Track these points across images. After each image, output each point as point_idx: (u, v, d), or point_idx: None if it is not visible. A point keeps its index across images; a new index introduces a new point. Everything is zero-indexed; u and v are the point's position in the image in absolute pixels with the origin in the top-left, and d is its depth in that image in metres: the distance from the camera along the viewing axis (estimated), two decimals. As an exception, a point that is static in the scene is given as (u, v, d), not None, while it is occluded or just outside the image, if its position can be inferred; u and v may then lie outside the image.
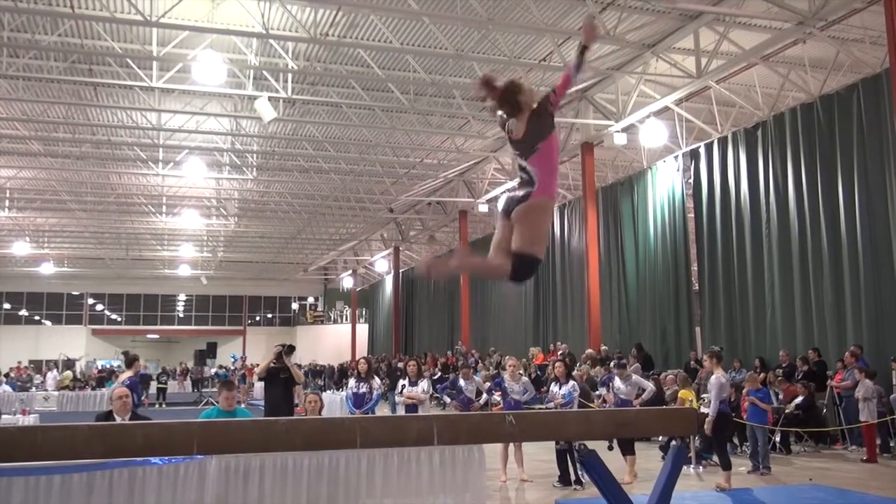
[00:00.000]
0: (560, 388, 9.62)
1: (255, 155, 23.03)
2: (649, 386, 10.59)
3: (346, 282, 45.15)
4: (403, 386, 10.07)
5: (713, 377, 9.71)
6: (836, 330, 13.50)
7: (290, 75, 15.92)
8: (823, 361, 13.37)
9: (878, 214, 12.77)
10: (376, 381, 10.24)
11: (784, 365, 13.88)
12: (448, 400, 14.31)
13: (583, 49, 3.84)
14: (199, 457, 5.84)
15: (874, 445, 11.25)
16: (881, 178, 12.76)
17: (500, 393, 10.42)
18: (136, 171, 24.14)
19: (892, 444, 11.34)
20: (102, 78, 16.28)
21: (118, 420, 6.41)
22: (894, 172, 12.22)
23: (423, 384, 10.44)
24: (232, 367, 34.77)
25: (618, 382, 10.28)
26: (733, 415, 11.38)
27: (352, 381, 10.22)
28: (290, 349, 10.13)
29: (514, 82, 3.98)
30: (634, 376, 10.69)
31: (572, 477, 9.33)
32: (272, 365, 9.76)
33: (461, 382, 11.57)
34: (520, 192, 3.93)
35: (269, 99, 15.85)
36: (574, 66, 3.87)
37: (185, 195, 27.70)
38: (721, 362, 10.03)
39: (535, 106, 3.93)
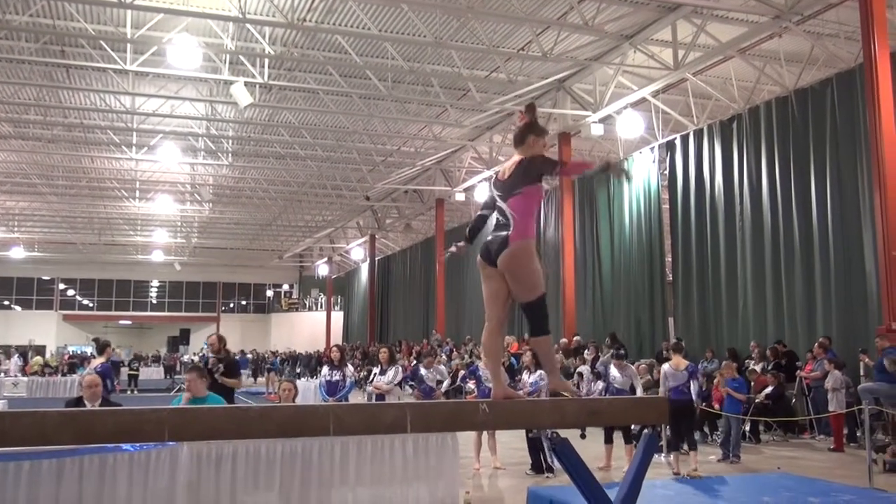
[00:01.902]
0: (529, 377, 9.83)
1: (230, 140, 22.83)
2: (639, 387, 10.56)
3: (322, 269, 45.00)
4: (375, 374, 10.06)
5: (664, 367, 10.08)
6: (806, 321, 13.69)
7: (266, 60, 15.77)
8: (793, 352, 13.56)
9: (850, 208, 12.94)
10: (349, 368, 10.21)
11: (753, 354, 14.07)
12: (409, 390, 14.16)
13: (605, 170, 4.00)
14: (170, 444, 5.81)
15: (841, 435, 11.44)
16: (853, 172, 12.93)
17: (474, 381, 10.45)
18: (109, 155, 23.80)
19: (858, 434, 11.52)
20: (75, 60, 16.00)
21: (88, 407, 6.34)
22: (866, 167, 12.37)
23: (390, 373, 10.37)
24: (201, 354, 34.60)
25: (614, 372, 10.30)
26: (704, 404, 11.53)
27: (325, 369, 10.17)
28: (216, 370, 8.69)
29: (536, 124, 4.17)
30: (631, 368, 10.72)
31: (545, 465, 9.42)
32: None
33: (422, 371, 11.36)
34: (499, 235, 4.00)
35: (246, 84, 15.70)
36: (590, 171, 3.96)
37: (158, 180, 27.42)
38: (679, 353, 10.26)
39: (533, 157, 4.03)
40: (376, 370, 10.15)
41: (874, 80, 11.28)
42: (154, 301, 49.08)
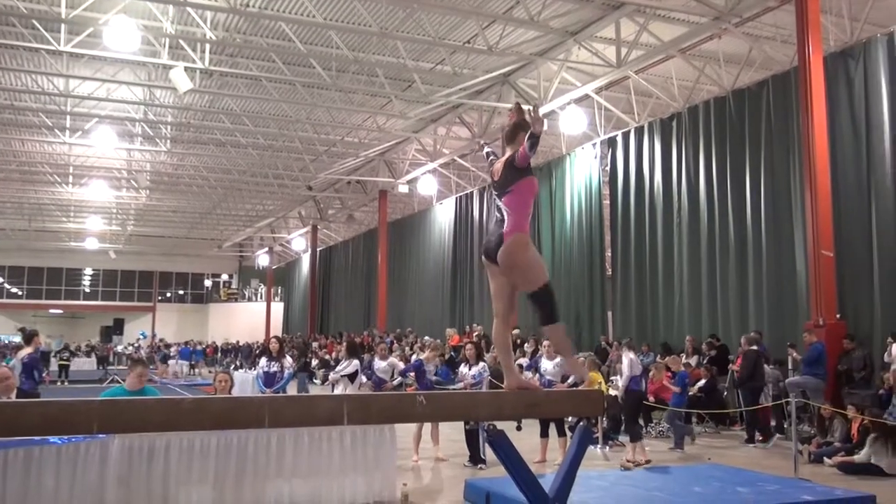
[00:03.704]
0: (470, 370, 9.88)
1: (169, 126, 22.29)
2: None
3: (262, 259, 44.43)
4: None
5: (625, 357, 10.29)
6: (738, 316, 14.07)
7: (207, 45, 15.42)
8: (725, 346, 13.91)
9: (782, 207, 13.33)
10: (288, 360, 10.09)
11: (689, 350, 14.39)
12: (365, 380, 14.15)
13: (532, 136, 3.90)
14: (101, 436, 5.66)
15: (770, 427, 11.79)
16: (786, 172, 13.33)
17: (414, 374, 10.45)
18: (42, 139, 23.03)
19: (785, 426, 11.88)
20: (5, 39, 15.38)
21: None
22: (798, 167, 12.76)
23: (343, 364, 10.40)
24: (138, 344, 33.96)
25: (545, 364, 10.34)
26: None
27: (263, 360, 10.04)
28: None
29: (525, 121, 4.10)
30: (560, 358, 10.75)
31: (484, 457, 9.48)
32: None
33: (375, 362, 11.34)
34: (497, 232, 4.05)
35: (186, 69, 15.34)
36: (528, 149, 3.92)
37: (93, 165, 26.61)
38: (631, 350, 10.58)
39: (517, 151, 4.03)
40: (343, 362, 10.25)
41: (807, 83, 11.65)
42: (87, 290, 47.73)
